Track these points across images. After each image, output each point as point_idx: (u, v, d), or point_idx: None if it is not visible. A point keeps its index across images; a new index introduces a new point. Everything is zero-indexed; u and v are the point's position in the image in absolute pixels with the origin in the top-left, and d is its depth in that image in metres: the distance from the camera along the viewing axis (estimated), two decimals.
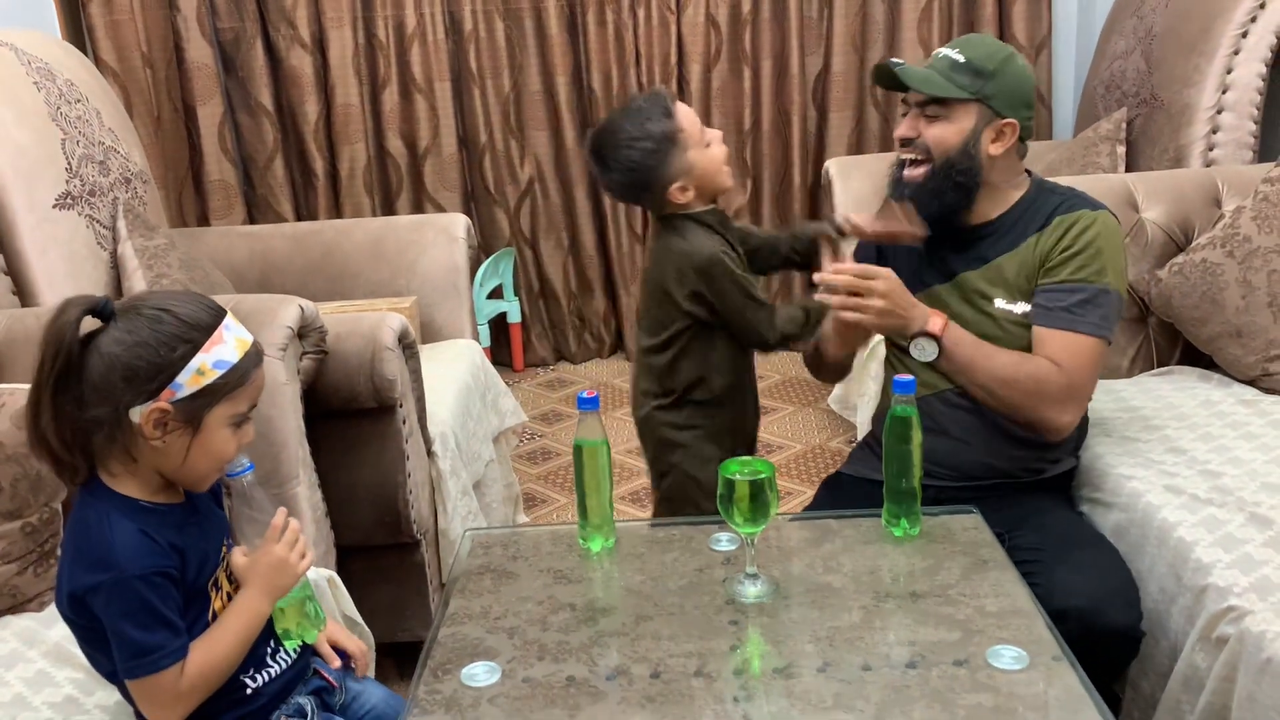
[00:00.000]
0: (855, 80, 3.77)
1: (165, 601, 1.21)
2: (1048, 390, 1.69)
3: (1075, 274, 1.70)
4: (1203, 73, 2.76)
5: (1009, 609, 1.35)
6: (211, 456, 1.25)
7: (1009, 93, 1.73)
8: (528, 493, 2.97)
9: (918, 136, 1.77)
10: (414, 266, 2.68)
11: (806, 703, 1.20)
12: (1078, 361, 1.70)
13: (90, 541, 1.21)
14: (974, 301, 1.77)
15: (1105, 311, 1.71)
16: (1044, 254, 1.73)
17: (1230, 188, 2.30)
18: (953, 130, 1.74)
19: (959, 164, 1.74)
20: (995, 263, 1.76)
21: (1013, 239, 1.76)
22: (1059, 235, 1.72)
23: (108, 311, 1.20)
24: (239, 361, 1.24)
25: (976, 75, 1.72)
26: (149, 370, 1.19)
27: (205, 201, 3.58)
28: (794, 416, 3.38)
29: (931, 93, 1.74)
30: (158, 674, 1.20)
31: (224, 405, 1.24)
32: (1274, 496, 1.67)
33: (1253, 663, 1.39)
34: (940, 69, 1.74)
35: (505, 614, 1.40)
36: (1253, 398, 2.06)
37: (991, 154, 1.74)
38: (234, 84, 3.59)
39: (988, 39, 1.82)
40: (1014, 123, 1.74)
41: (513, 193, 3.85)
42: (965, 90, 1.72)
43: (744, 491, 1.37)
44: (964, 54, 1.74)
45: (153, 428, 1.20)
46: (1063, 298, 1.70)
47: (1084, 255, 1.70)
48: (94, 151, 2.31)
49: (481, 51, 3.69)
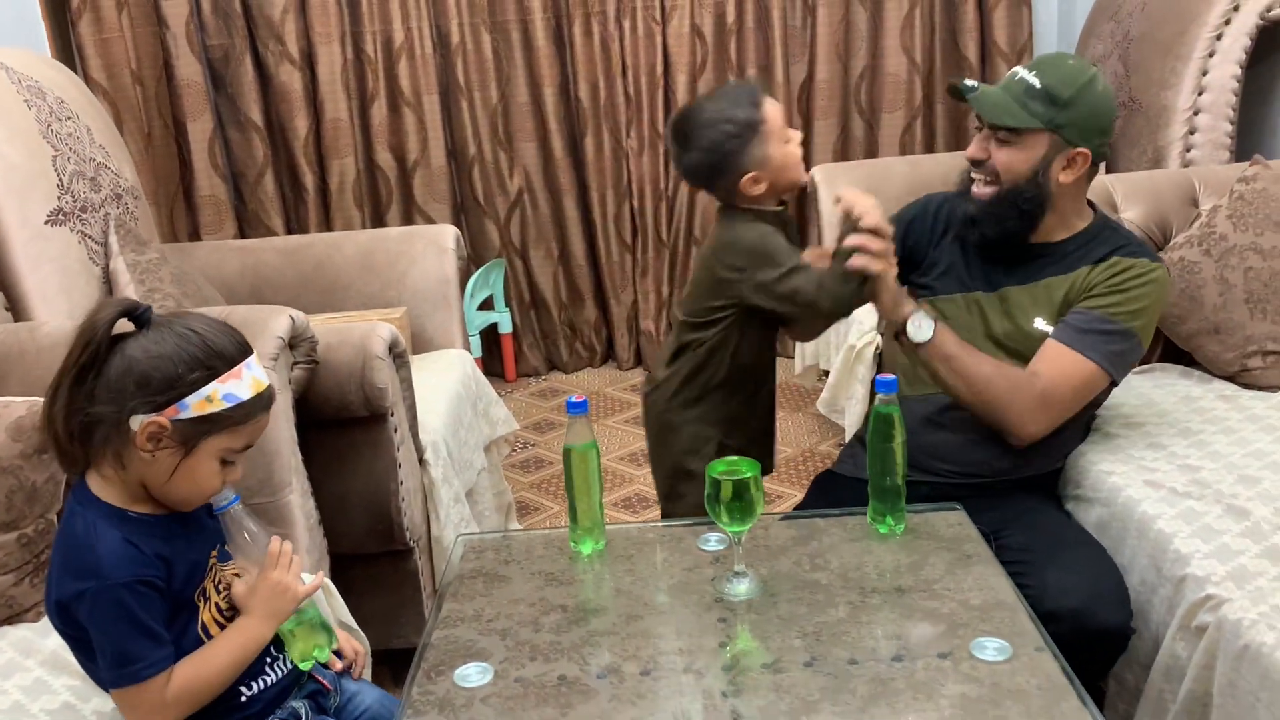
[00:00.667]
0: (839, 88, 3.81)
1: (149, 611, 1.22)
2: (1020, 397, 1.69)
3: (1112, 308, 1.71)
4: (1179, 75, 2.80)
5: (992, 602, 1.38)
6: (195, 483, 1.27)
7: (1084, 122, 1.70)
8: (520, 501, 2.99)
9: (987, 159, 1.75)
10: (404, 278, 2.70)
11: (794, 697, 1.23)
12: (1063, 378, 1.70)
13: (76, 550, 1.23)
14: (1014, 316, 1.78)
15: (1119, 350, 1.71)
16: (1092, 284, 1.73)
17: (1206, 188, 2.34)
18: (1022, 158, 1.72)
19: (1026, 191, 1.73)
20: (1044, 282, 1.77)
21: (1067, 265, 1.77)
22: (1113, 273, 1.72)
23: (144, 318, 1.24)
24: (248, 400, 1.27)
25: (1051, 103, 1.69)
26: (162, 383, 1.22)
27: (196, 217, 3.60)
28: (783, 421, 3.41)
29: (1003, 122, 1.71)
30: (140, 684, 1.22)
31: (221, 437, 1.26)
32: (1250, 488, 1.71)
33: (1231, 650, 1.41)
34: (1015, 93, 1.71)
35: (497, 616, 1.43)
36: (1231, 393, 2.09)
37: (1062, 181, 1.73)
38: (224, 100, 3.61)
39: (1071, 60, 1.76)
40: (1086, 152, 1.71)
41: (502, 204, 3.88)
42: (1038, 119, 1.69)
43: (730, 491, 1.39)
44: (1041, 79, 1.70)
45: (146, 439, 1.22)
46: (1085, 321, 1.71)
47: (1127, 294, 1.71)
48: (85, 168, 2.33)
49: (469, 64, 3.72)
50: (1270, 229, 2.13)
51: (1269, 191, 2.16)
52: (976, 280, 1.82)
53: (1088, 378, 1.71)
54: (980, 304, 1.81)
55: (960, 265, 1.85)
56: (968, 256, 1.84)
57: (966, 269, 1.84)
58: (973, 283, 1.83)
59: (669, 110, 3.83)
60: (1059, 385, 1.70)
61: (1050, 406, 1.71)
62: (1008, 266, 1.80)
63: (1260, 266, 2.12)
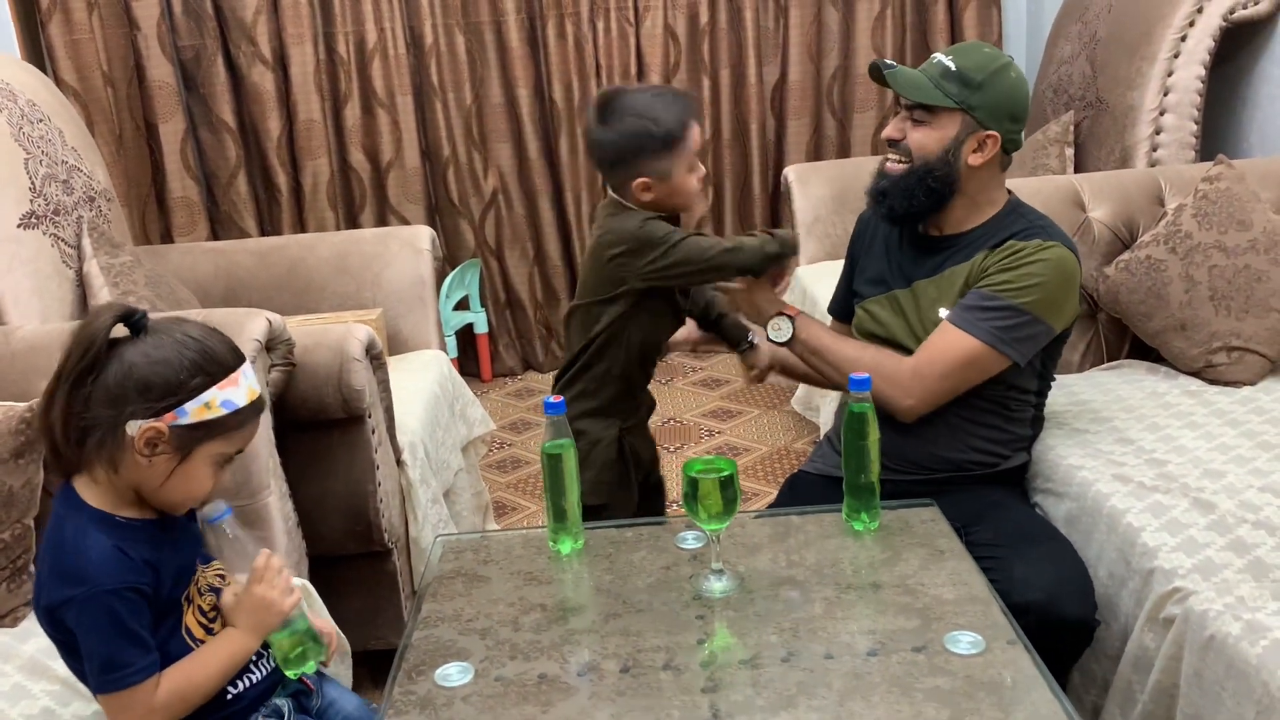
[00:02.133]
0: (812, 88, 3.84)
1: (136, 618, 1.22)
2: (888, 373, 1.74)
3: (997, 286, 1.73)
4: (1145, 75, 2.85)
5: (966, 596, 1.40)
6: (189, 488, 1.28)
7: (995, 104, 1.74)
8: (497, 501, 2.99)
9: (903, 139, 1.80)
10: (379, 279, 2.70)
11: (772, 691, 1.24)
12: (939, 352, 1.74)
13: (65, 555, 1.23)
14: (923, 308, 1.82)
15: (1007, 325, 1.71)
16: (986, 267, 1.76)
17: (1172, 187, 2.38)
18: (935, 137, 1.76)
19: (936, 170, 1.76)
20: (947, 272, 1.80)
21: (968, 253, 1.80)
22: (1005, 255, 1.75)
23: (139, 324, 1.24)
24: (244, 407, 1.27)
25: (964, 85, 1.74)
26: (162, 389, 1.22)
27: (169, 219, 3.58)
28: (759, 420, 3.43)
29: (915, 99, 1.76)
30: (127, 690, 1.21)
31: (216, 442, 1.27)
32: (1216, 482, 1.74)
33: (1197, 640, 1.44)
34: (931, 74, 1.76)
35: (477, 616, 1.43)
36: (1197, 389, 2.13)
37: (971, 164, 1.76)
38: (195, 101, 3.59)
39: (986, 49, 1.80)
40: (996, 135, 1.75)
41: (477, 204, 3.88)
42: (951, 99, 1.74)
43: (708, 489, 1.41)
44: (956, 62, 1.75)
45: (144, 444, 1.22)
46: (972, 300, 1.74)
47: (1015, 273, 1.72)
48: (57, 171, 2.32)
49: (443, 65, 3.72)
50: (1234, 227, 2.17)
51: (1233, 191, 2.21)
52: (896, 278, 1.87)
53: (968, 352, 1.72)
54: (899, 301, 1.85)
55: (884, 266, 1.90)
56: (890, 257, 1.90)
57: (889, 269, 1.89)
58: (894, 281, 1.88)
59: None
60: (934, 359, 1.74)
61: (924, 379, 1.74)
62: (921, 260, 1.85)
63: (1225, 264, 2.16)
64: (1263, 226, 2.17)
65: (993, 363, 1.74)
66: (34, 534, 1.63)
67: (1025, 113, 1.80)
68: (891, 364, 1.77)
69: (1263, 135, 2.85)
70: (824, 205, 3.29)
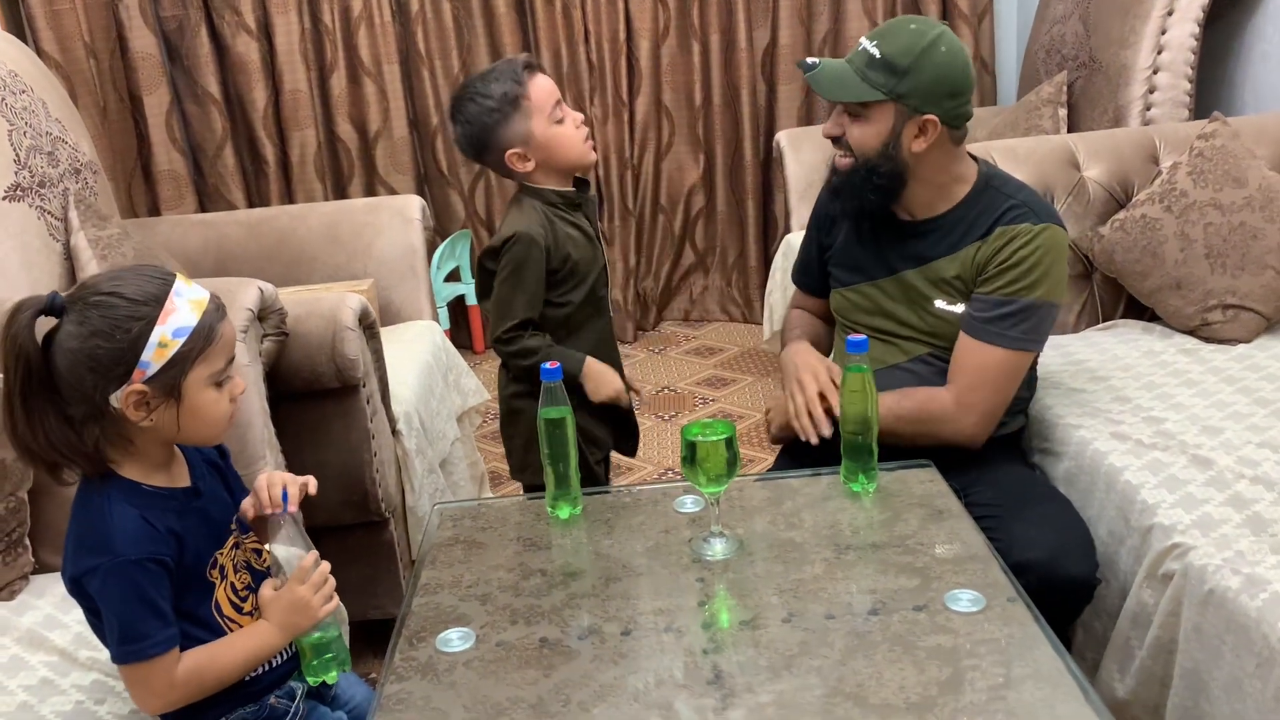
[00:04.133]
0: (802, 52, 3.81)
1: (158, 590, 1.21)
2: (935, 413, 1.71)
3: (1007, 287, 1.69)
4: (1138, 34, 2.83)
5: (965, 555, 1.40)
6: (205, 419, 1.25)
7: (926, 88, 1.66)
8: (493, 471, 2.99)
9: (842, 134, 1.74)
10: (370, 249, 2.68)
11: (774, 652, 1.24)
12: (976, 373, 1.70)
13: (91, 525, 1.21)
14: (915, 300, 1.79)
15: (1032, 324, 1.70)
16: (982, 263, 1.71)
17: (1167, 145, 2.37)
18: (872, 132, 1.69)
19: (879, 166, 1.70)
20: (934, 264, 1.76)
21: (953, 241, 1.74)
22: (999, 246, 1.70)
23: (58, 307, 1.18)
24: (199, 323, 1.22)
25: (891, 73, 1.65)
26: (111, 356, 1.17)
27: (155, 192, 3.54)
28: (753, 386, 3.43)
29: (841, 99, 1.70)
30: (146, 662, 1.21)
31: (199, 368, 1.22)
32: (1214, 439, 1.74)
33: (1196, 595, 1.45)
34: (857, 65, 1.69)
35: (477, 582, 1.43)
36: (1193, 347, 2.13)
37: (915, 151, 1.69)
38: (180, 73, 3.55)
39: (911, 25, 1.70)
40: (934, 118, 1.67)
41: (466, 175, 3.85)
42: (879, 90, 1.66)
43: (706, 452, 1.40)
44: (881, 48, 1.67)
45: (135, 409, 1.19)
46: (989, 309, 1.70)
47: (1019, 269, 1.68)
48: (41, 142, 2.29)
49: (429, 33, 3.68)
50: (1229, 185, 2.17)
51: (1228, 148, 2.20)
52: (874, 267, 1.82)
53: (1001, 363, 1.70)
54: (883, 289, 1.81)
55: (858, 252, 1.85)
56: (863, 243, 1.84)
57: (864, 255, 1.84)
58: (872, 269, 1.82)
59: (633, 77, 3.82)
60: (973, 384, 1.71)
61: (971, 406, 1.71)
62: (899, 248, 1.79)
63: (1220, 222, 2.15)
64: (1258, 183, 2.17)
65: (1025, 362, 1.74)
66: (28, 507, 1.62)
67: (965, 84, 1.70)
68: (935, 406, 1.72)
69: (1257, 92, 2.84)
70: (816, 170, 3.26)
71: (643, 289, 4.03)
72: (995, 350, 1.70)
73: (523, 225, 1.78)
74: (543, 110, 1.77)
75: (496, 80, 1.77)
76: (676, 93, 3.85)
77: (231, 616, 1.30)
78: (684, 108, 3.86)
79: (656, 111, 3.87)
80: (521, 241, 1.76)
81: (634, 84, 3.83)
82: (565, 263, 1.81)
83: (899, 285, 1.80)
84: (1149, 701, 1.56)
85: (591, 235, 1.88)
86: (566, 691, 1.20)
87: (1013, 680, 1.17)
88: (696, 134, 3.89)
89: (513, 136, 1.77)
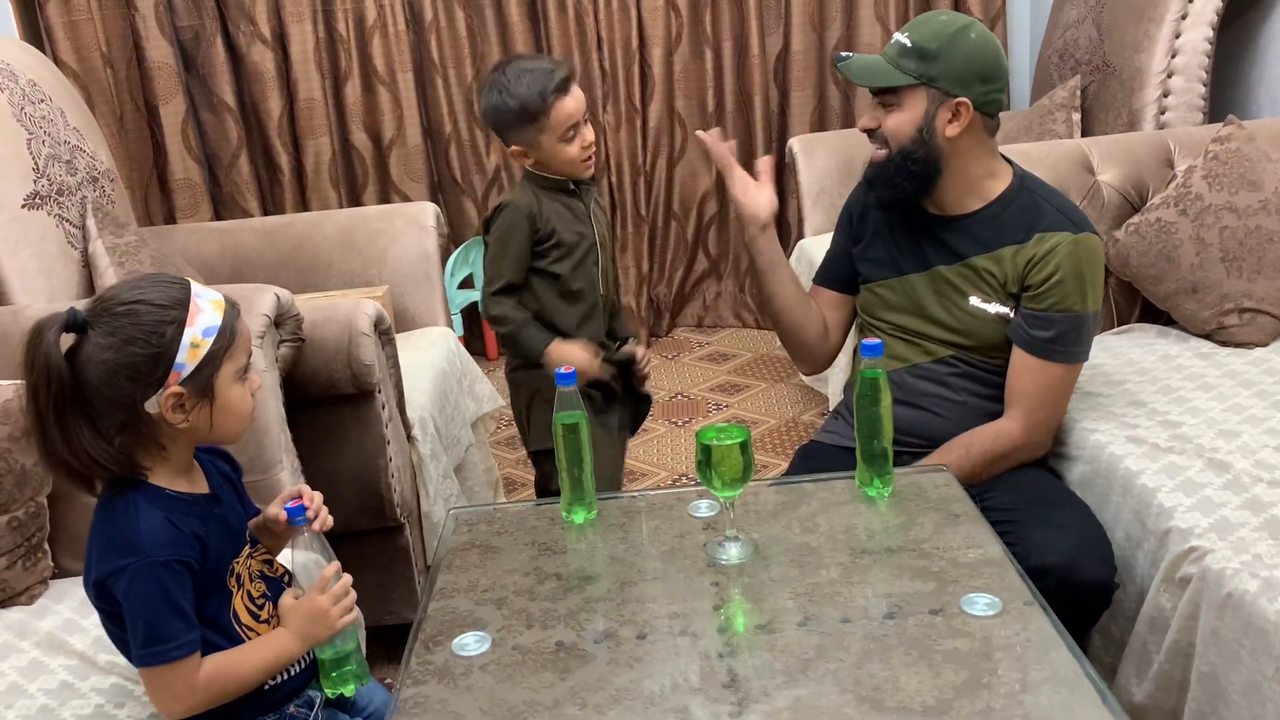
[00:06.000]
0: (815, 59, 3.81)
1: (183, 592, 1.22)
2: (1004, 449, 1.75)
3: (1059, 304, 1.71)
4: (1152, 38, 2.82)
5: (981, 559, 1.40)
6: (235, 414, 1.29)
7: (957, 70, 1.69)
8: (507, 477, 2.99)
9: (878, 127, 1.76)
10: (384, 256, 2.69)
11: (789, 655, 1.24)
12: (1041, 393, 1.74)
13: (117, 528, 1.22)
14: (948, 296, 1.79)
15: (1083, 335, 1.74)
16: (1022, 269, 1.72)
17: (1182, 148, 2.36)
18: (906, 119, 1.72)
19: (914, 152, 1.72)
20: (971, 262, 1.77)
21: (989, 240, 1.75)
22: (1040, 255, 1.71)
23: (80, 322, 1.20)
24: (223, 321, 1.26)
25: (922, 58, 1.69)
26: (149, 362, 1.19)
27: (171, 200, 3.57)
28: (766, 393, 3.43)
29: (873, 84, 1.73)
30: (169, 665, 1.21)
31: (226, 365, 1.26)
32: (1231, 442, 1.73)
33: (1214, 599, 1.44)
34: (889, 56, 1.73)
35: (493, 586, 1.43)
36: (1209, 350, 2.12)
37: (949, 136, 1.71)
38: (195, 82, 3.57)
39: (941, 16, 1.75)
40: (966, 101, 1.69)
41: (480, 182, 3.86)
42: (910, 75, 1.69)
43: (721, 456, 1.40)
44: (912, 36, 1.71)
45: (173, 411, 1.22)
46: (1045, 327, 1.72)
47: (1067, 285, 1.70)
48: (60, 151, 2.31)
49: (443, 41, 3.70)
50: (1245, 188, 2.16)
51: (1243, 151, 2.19)
52: (908, 261, 1.83)
53: (1061, 378, 1.76)
54: (915, 285, 1.82)
55: (891, 246, 1.86)
56: (896, 236, 1.85)
57: (898, 250, 1.85)
58: (905, 264, 1.83)
59: (645, 85, 3.83)
60: (1038, 404, 1.75)
61: (1038, 426, 1.77)
62: (934, 243, 1.80)
63: (1235, 225, 2.14)
64: (1274, 187, 2.16)
65: (1078, 373, 1.79)
66: (48, 511, 1.63)
67: (997, 71, 1.73)
68: (1004, 443, 1.75)
69: (1271, 95, 2.83)
70: (829, 176, 3.27)
71: (656, 295, 4.04)
72: (1058, 368, 1.74)
73: (512, 197, 1.94)
74: (555, 130, 1.89)
75: (528, 86, 1.86)
76: (689, 99, 3.86)
77: (249, 624, 1.31)
78: (696, 114, 3.87)
79: (669, 118, 3.88)
80: (508, 209, 1.92)
81: (647, 91, 3.84)
82: (552, 235, 1.93)
83: (932, 280, 1.80)
84: (1166, 706, 1.55)
85: (583, 215, 1.98)
86: (582, 695, 1.20)
87: (1029, 684, 1.17)
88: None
89: (520, 139, 1.91)
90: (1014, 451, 1.76)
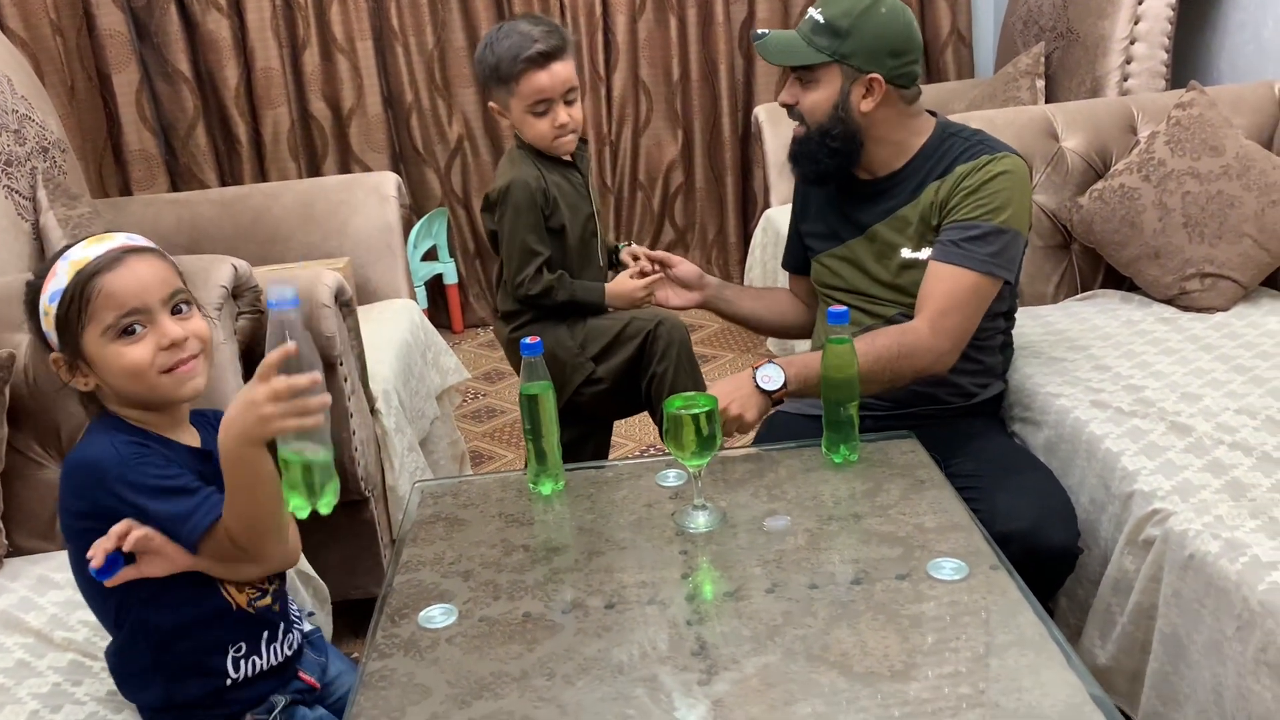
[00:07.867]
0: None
1: (165, 471, 1.21)
2: (911, 343, 1.68)
3: (972, 212, 1.69)
4: (1115, 4, 2.82)
5: (947, 524, 1.40)
6: (123, 373, 1.21)
7: (868, 46, 1.68)
8: (473, 450, 2.98)
9: (796, 103, 1.76)
10: (345, 228, 2.65)
11: (757, 622, 1.24)
12: (945, 295, 1.69)
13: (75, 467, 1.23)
14: (885, 254, 1.79)
15: (999, 249, 1.69)
16: (944, 199, 1.72)
17: (1145, 115, 2.37)
18: (822, 96, 1.72)
19: (832, 129, 1.72)
20: (900, 213, 1.77)
21: (914, 187, 1.76)
22: (959, 179, 1.71)
23: None
24: (69, 284, 1.19)
25: (834, 35, 1.69)
26: (37, 332, 1.25)
27: (126, 173, 3.49)
28: (734, 363, 3.43)
29: (788, 63, 1.73)
30: (206, 532, 1.20)
31: (91, 327, 1.20)
32: (1193, 405, 1.75)
33: (1176, 560, 1.46)
34: (803, 32, 1.73)
35: (459, 559, 1.42)
36: (1171, 315, 2.14)
37: (864, 111, 1.72)
38: (149, 50, 3.49)
39: None
40: (878, 77, 1.69)
41: (442, 152, 3.82)
42: (823, 53, 1.70)
43: (689, 425, 1.39)
44: (824, 12, 1.70)
45: (68, 373, 1.24)
46: (952, 234, 1.71)
47: (981, 193, 1.69)
48: (7, 120, 2.25)
49: (403, 8, 3.64)
50: (1207, 154, 2.17)
51: (1205, 117, 2.20)
52: (846, 228, 1.84)
53: (970, 286, 1.69)
54: (855, 249, 1.83)
55: (830, 217, 1.87)
56: (833, 206, 1.86)
57: (837, 219, 1.86)
58: (845, 232, 1.84)
59: (609, 53, 3.79)
60: (943, 308, 1.69)
61: (943, 330, 1.69)
62: (867, 206, 1.81)
63: (1198, 191, 2.16)
64: (1235, 152, 2.17)
65: (992, 289, 1.72)
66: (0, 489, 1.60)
67: (908, 44, 1.72)
68: (910, 337, 1.69)
69: (1233, 62, 2.84)
70: None
71: None
72: (965, 273, 1.69)
73: (516, 174, 1.90)
74: (524, 100, 1.87)
75: (508, 48, 1.85)
76: (654, 68, 3.83)
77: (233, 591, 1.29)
78: (661, 83, 3.84)
79: (634, 87, 3.84)
80: (516, 186, 1.88)
81: (611, 59, 3.80)
82: (555, 208, 1.92)
83: (869, 241, 1.81)
84: (1130, 667, 1.57)
85: (581, 187, 1.97)
86: (550, 665, 1.19)
87: (996, 647, 1.18)
88: (674, 109, 3.86)
89: (495, 97, 1.93)
90: (917, 350, 1.68)
